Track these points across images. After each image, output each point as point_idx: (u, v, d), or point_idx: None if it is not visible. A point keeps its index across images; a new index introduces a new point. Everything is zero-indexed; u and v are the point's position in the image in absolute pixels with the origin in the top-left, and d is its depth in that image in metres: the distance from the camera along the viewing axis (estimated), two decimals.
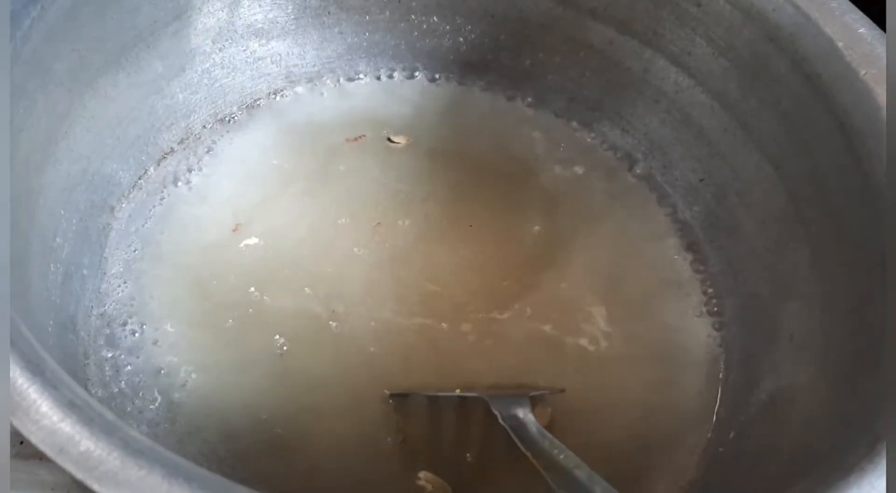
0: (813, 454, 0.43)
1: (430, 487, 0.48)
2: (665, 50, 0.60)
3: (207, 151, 0.62)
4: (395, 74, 0.68)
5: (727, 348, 0.57)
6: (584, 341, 0.57)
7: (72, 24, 0.49)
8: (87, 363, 0.53)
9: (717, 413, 0.55)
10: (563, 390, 0.52)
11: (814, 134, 0.51)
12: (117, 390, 0.53)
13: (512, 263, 0.60)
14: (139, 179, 0.60)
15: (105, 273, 0.56)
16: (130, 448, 0.31)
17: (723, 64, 0.56)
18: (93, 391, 0.52)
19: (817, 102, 0.50)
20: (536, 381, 0.54)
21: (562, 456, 0.42)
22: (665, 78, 0.61)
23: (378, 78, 0.68)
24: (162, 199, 0.60)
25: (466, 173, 0.64)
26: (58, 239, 0.51)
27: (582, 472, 0.40)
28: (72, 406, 0.32)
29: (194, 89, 0.61)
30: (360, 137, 0.63)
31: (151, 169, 0.61)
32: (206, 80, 0.62)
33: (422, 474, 0.49)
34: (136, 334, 0.55)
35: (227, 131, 0.64)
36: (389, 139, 0.64)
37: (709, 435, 0.54)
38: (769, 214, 0.56)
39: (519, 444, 0.44)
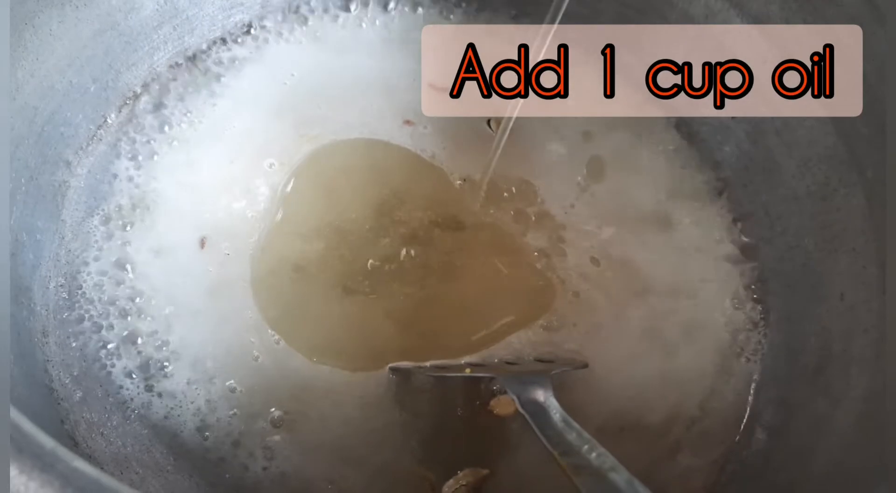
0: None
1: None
2: None
3: (176, 95, 0.55)
4: (390, 4, 0.59)
5: (764, 304, 0.52)
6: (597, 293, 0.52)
7: None
8: (47, 342, 0.47)
9: (755, 381, 0.49)
10: (585, 366, 0.46)
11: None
12: (82, 371, 0.47)
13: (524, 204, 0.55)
14: (98, 128, 0.53)
15: (63, 237, 0.50)
16: None
17: None
18: (54, 374, 0.46)
19: (881, 26, 0.43)
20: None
21: (594, 455, 0.35)
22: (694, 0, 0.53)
23: (368, 6, 0.59)
24: (127, 150, 0.53)
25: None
26: None
27: (619, 476, 0.34)
28: None
29: (156, 24, 0.53)
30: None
31: (112, 116, 0.53)
32: (168, 12, 0.54)
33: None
34: (106, 302, 0.49)
35: (196, 71, 0.56)
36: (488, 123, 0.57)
37: (746, 411, 0.49)
38: (814, 155, 0.49)
39: (541, 437, 0.37)
